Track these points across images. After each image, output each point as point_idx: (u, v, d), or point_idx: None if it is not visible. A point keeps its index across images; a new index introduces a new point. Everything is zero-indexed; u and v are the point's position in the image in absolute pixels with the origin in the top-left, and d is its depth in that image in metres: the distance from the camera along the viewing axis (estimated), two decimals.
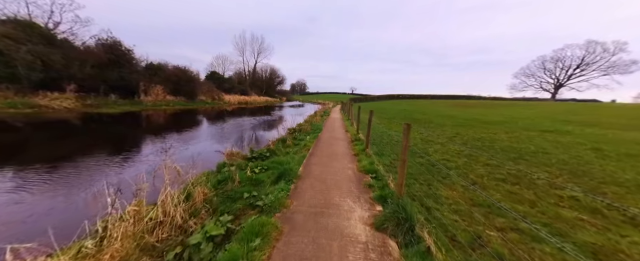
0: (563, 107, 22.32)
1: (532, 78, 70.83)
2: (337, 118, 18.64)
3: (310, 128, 12.53)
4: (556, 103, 34.64)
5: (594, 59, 59.23)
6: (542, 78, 69.12)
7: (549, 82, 68.40)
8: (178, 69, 26.61)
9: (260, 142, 9.99)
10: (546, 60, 67.02)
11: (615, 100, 72.53)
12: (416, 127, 11.46)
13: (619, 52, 55.19)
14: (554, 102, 57.85)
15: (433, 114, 16.79)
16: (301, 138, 9.41)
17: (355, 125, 13.39)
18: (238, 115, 22.36)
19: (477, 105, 27.20)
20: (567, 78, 65.28)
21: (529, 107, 20.80)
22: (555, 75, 66.76)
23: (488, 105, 27.96)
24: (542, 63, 68.11)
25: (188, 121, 16.16)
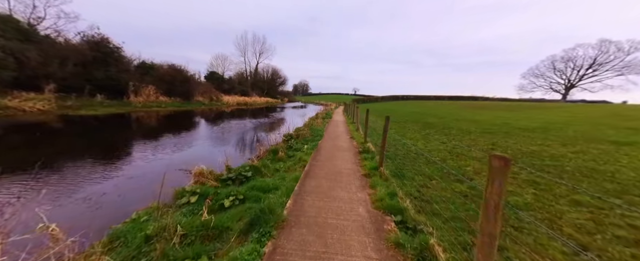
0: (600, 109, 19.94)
1: (541, 78, 68.94)
2: (340, 121, 17.00)
3: (309, 134, 10.93)
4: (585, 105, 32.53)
5: (608, 58, 57.25)
6: (552, 78, 67.10)
7: (560, 83, 66.36)
8: (173, 69, 25.25)
9: (248, 151, 8.40)
10: (556, 61, 65.09)
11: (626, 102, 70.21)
12: (434, 133, 9.79)
13: (635, 51, 52.84)
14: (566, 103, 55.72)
15: (449, 117, 15.05)
16: (297, 148, 7.81)
17: (361, 130, 11.74)
18: (234, 117, 20.87)
19: (494, 107, 25.29)
20: (578, 78, 63.19)
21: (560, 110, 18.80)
22: (566, 75, 64.69)
23: (507, 106, 25.98)
24: (552, 63, 66.22)
25: (176, 124, 14.67)
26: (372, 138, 9.31)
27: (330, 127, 13.23)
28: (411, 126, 12.52)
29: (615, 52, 55.85)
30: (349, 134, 10.81)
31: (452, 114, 17.23)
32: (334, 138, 9.72)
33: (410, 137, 9.27)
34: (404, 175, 4.77)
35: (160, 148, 8.01)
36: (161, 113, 18.88)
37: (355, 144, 8.58)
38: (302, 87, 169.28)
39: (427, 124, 12.56)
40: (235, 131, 12.91)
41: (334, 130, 11.94)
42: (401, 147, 7.43)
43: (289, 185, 4.32)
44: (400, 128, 11.81)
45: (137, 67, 21.75)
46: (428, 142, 7.91)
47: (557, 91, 66.82)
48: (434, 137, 8.83)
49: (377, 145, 8.06)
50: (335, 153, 6.86)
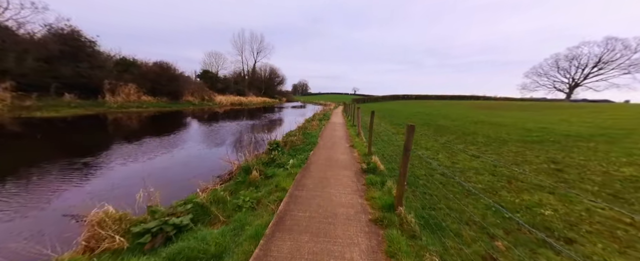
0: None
1: (544, 77, 67.80)
2: (338, 123, 15.07)
3: (301, 141, 9.02)
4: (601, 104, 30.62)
5: (614, 56, 55.99)
6: (556, 77, 65.93)
7: (564, 82, 65.08)
8: (158, 66, 23.32)
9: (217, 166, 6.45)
10: (560, 59, 64.01)
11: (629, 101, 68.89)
12: (455, 141, 7.88)
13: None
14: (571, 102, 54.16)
15: (463, 119, 13.11)
16: (281, 163, 5.91)
17: (363, 135, 9.82)
18: (224, 118, 18.95)
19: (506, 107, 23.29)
20: (583, 77, 61.97)
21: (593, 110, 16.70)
22: (570, 74, 63.44)
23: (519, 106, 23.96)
24: (556, 62, 65.19)
25: (149, 128, 12.77)
26: (378, 147, 7.39)
27: (326, 131, 11.32)
28: (421, 130, 10.59)
29: (622, 50, 54.47)
30: (348, 141, 8.89)
31: (465, 115, 15.29)
32: (330, 146, 7.80)
33: (425, 145, 7.35)
34: (439, 224, 2.85)
35: (98, 165, 6.10)
36: (141, 115, 16.98)
37: (356, 156, 6.67)
38: (302, 86, 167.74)
39: (440, 128, 10.63)
40: (216, 136, 10.99)
41: (330, 136, 10.02)
42: (418, 162, 5.51)
43: (246, 248, 2.43)
44: None
45: (116, 64, 19.82)
46: (453, 155, 6.00)
47: (560, 90, 65.69)
48: (457, 146, 6.90)
49: (385, 158, 6.13)
50: (329, 174, 4.94)
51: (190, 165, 6.70)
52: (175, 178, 5.44)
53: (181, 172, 5.95)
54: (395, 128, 11.56)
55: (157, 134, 10.39)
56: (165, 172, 5.98)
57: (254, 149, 7.99)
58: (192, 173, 5.92)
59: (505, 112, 17.19)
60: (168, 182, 5.27)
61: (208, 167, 6.18)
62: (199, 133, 11.59)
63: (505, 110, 19.16)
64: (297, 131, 11.44)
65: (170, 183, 5.07)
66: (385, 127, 12.21)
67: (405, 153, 3.10)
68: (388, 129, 11.39)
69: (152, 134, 10.44)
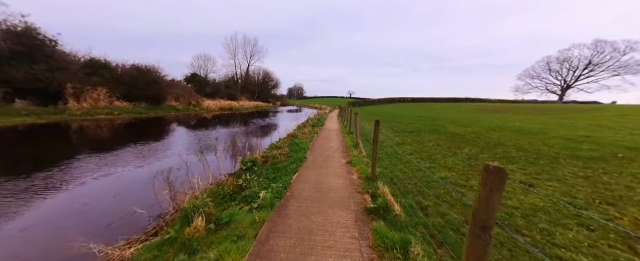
0: None
1: (537, 80, 68.46)
2: (333, 130, 13.27)
3: (285, 156, 7.19)
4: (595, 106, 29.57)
5: (603, 58, 56.96)
6: (548, 79, 66.66)
7: (555, 84, 65.68)
8: (135, 68, 21.26)
9: (155, 205, 4.53)
10: (551, 61, 64.99)
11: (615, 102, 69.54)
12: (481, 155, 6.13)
13: (630, 51, 52.16)
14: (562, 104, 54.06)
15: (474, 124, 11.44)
16: (248, 197, 4.11)
17: (361, 146, 8.02)
18: (207, 125, 17.01)
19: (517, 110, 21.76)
20: (574, 79, 62.76)
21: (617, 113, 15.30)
22: (562, 76, 64.07)
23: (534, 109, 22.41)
24: (547, 64, 66.22)
25: (108, 138, 10.80)
26: (382, 164, 5.59)
27: (319, 141, 9.50)
28: (430, 138, 8.87)
29: (611, 52, 55.43)
30: (344, 154, 7.08)
31: (476, 120, 13.64)
32: (322, 164, 5.98)
33: (444, 162, 5.58)
34: None
35: None
36: (112, 122, 14.96)
37: (355, 178, 4.89)
38: (297, 90, 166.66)
39: (453, 136, 8.90)
40: (184, 149, 9.06)
41: (323, 147, 8.20)
42: (449, 197, 3.72)
43: None
44: (417, 142, 8.14)
45: (83, 66, 17.72)
46: None
47: (552, 92, 66.35)
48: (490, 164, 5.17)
49: (395, 184, 4.31)
50: (316, 221, 3.13)
51: (121, 199, 4.78)
52: (74, 231, 3.54)
53: (94, 219, 4.04)
54: (399, 136, 9.80)
55: (108, 148, 8.43)
56: (71, 218, 4.07)
57: (221, 170, 6.14)
58: (115, 216, 4.02)
59: (520, 116, 15.62)
60: (60, 237, 3.39)
61: (146, 202, 4.29)
62: (165, 145, 9.66)
63: (518, 114, 17.64)
64: (284, 141, 9.62)
65: (60, 244, 3.18)
66: (386, 134, 10.47)
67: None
68: (390, 137, 9.65)
69: (102, 148, 8.47)
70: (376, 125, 4.72)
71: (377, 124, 4.71)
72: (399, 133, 10.43)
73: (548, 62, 64.03)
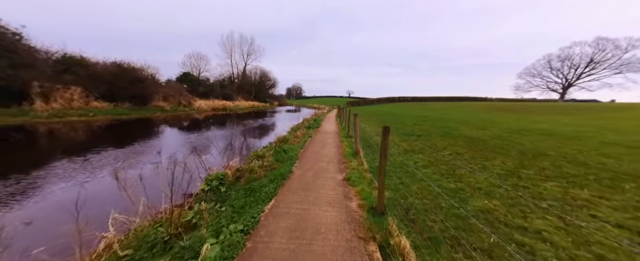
0: None
1: (537, 78, 67.53)
2: (329, 133, 11.78)
3: (265, 169, 5.70)
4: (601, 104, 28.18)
5: (605, 56, 55.65)
6: (549, 78, 65.69)
7: (557, 82, 64.72)
8: (116, 65, 19.69)
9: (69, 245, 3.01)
10: (552, 59, 63.98)
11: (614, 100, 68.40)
12: (519, 169, 4.63)
13: (632, 48, 51.15)
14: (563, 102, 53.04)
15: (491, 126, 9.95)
16: (184, 254, 2.54)
17: (362, 155, 6.50)
18: (194, 127, 15.50)
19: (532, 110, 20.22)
20: (576, 77, 61.80)
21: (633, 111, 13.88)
22: (563, 74, 63.09)
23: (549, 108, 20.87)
24: (548, 62, 65.19)
25: (67, 145, 9.27)
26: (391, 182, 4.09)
27: (312, 146, 8.00)
28: (444, 143, 7.37)
29: (612, 50, 54.34)
30: (341, 167, 5.57)
31: (490, 121, 12.14)
32: (310, 183, 4.47)
33: (476, 183, 4.07)
34: None
35: None
36: (89, 124, 13.46)
37: (355, 207, 3.45)
38: (296, 90, 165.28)
39: (473, 142, 7.41)
40: (147, 159, 7.55)
41: (316, 156, 6.70)
42: (491, 241, 2.21)
43: None
44: (429, 149, 6.64)
45: (55, 63, 16.16)
46: (585, 238, 2.72)
47: (554, 90, 65.35)
48: (545, 186, 3.65)
49: (415, 221, 2.81)
50: None
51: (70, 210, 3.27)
52: None
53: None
54: (406, 141, 8.30)
55: (38, 161, 6.88)
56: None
57: (177, 192, 4.62)
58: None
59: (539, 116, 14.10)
60: None
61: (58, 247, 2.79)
62: (127, 153, 8.12)
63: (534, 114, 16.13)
64: (271, 148, 8.08)
65: None
66: (390, 138, 9.00)
67: None
68: (395, 142, 8.16)
69: (28, 161, 6.93)
70: (384, 133, 3.21)
71: (385, 133, 3.20)
72: (405, 138, 8.93)
73: (549, 60, 63.52)
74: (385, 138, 3.19)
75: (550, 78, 63.21)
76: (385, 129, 3.19)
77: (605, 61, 54.94)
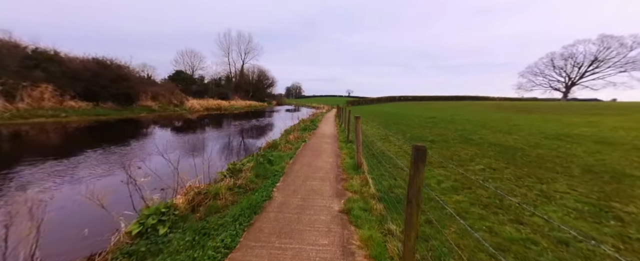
0: None
1: (540, 77, 66.35)
2: (327, 137, 10.31)
3: (233, 194, 4.21)
4: None
5: (609, 54, 54.10)
6: (551, 76, 64.37)
7: (560, 81, 63.44)
8: (96, 62, 18.16)
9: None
10: (555, 58, 62.63)
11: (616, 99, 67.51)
12: (614, 201, 3.14)
13: (638, 46, 49.98)
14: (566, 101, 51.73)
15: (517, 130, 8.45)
16: None
17: (365, 166, 4.98)
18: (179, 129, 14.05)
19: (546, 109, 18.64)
20: (580, 76, 60.57)
21: None
22: (567, 72, 61.79)
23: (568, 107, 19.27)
24: (551, 60, 63.81)
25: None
26: (420, 236, 2.59)
27: (304, 156, 6.53)
28: (467, 152, 5.91)
29: (617, 48, 52.94)
30: (338, 188, 4.10)
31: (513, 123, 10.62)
32: (294, 217, 2.98)
33: (546, 227, 2.60)
34: None
35: None
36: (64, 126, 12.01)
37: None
38: (295, 89, 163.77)
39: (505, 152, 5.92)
40: (97, 174, 6.09)
41: (307, 170, 5.23)
42: None
43: None
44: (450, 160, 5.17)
45: (24, 58, 14.62)
46: None
47: (557, 89, 64.24)
48: None
49: None
50: None
51: None
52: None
53: None
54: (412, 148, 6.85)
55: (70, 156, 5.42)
56: None
57: (100, 233, 3.16)
58: None
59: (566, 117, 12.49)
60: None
61: None
62: (79, 163, 6.64)
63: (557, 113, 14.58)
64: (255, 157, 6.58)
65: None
66: (397, 144, 7.52)
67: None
68: (406, 151, 6.67)
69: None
70: (416, 161, 1.72)
71: (418, 161, 1.71)
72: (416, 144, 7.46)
73: (552, 58, 62.48)
74: (418, 170, 1.69)
75: (552, 77, 62.07)
76: (418, 152, 1.70)
77: (610, 59, 54.08)
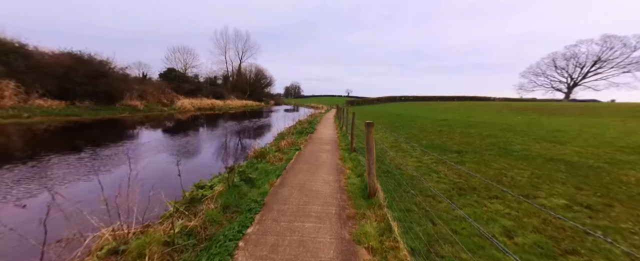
0: None
1: (541, 77, 65.29)
2: (326, 143, 8.65)
3: (177, 252, 2.49)
4: None
5: (612, 55, 52.99)
6: (553, 77, 63.37)
7: (562, 81, 62.35)
8: (70, 56, 16.43)
9: None
10: (557, 58, 61.70)
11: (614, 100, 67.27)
12: None
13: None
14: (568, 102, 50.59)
15: (564, 137, 6.88)
16: None
17: (382, 199, 3.31)
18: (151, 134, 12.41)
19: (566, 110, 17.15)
20: (582, 76, 59.74)
21: None
22: (569, 73, 60.87)
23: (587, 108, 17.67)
24: (553, 60, 62.84)
25: None
26: None
27: (297, 173, 4.93)
28: (517, 170, 4.34)
29: (621, 48, 51.69)
30: (345, 238, 2.42)
31: (554, 129, 9.02)
32: None
33: None
34: None
35: None
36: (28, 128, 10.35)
37: None
38: (294, 89, 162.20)
39: (576, 170, 4.35)
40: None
41: (301, 192, 3.60)
42: None
43: None
44: (496, 180, 3.59)
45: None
46: None
47: (558, 90, 63.45)
48: None
49: None
50: None
51: None
52: None
53: None
54: (443, 164, 5.19)
55: None
56: None
57: None
58: None
59: (605, 119, 10.93)
60: None
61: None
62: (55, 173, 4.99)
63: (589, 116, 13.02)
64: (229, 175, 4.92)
65: None
66: (416, 155, 5.93)
67: None
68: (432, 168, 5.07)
69: None
70: None
71: None
72: (438, 156, 5.83)
73: (554, 58, 61.60)
74: None
75: (554, 78, 61.36)
76: None
77: (613, 59, 53.24)
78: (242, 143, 10.40)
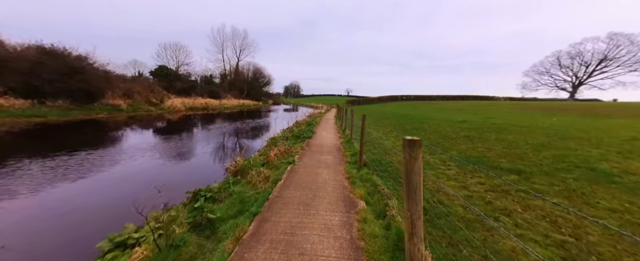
0: None
1: (545, 76, 63.66)
2: (327, 151, 6.83)
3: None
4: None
5: (619, 53, 50.86)
6: (558, 76, 61.78)
7: (566, 80, 60.67)
8: (39, 50, 14.66)
9: None
10: (562, 56, 60.08)
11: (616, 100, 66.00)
12: None
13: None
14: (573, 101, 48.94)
15: (631, 147, 5.10)
16: None
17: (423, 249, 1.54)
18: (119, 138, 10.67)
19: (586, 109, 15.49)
20: (587, 75, 58.17)
21: None
22: (574, 72, 59.23)
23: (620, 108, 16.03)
24: (558, 59, 60.87)
25: None
26: None
27: (282, 210, 3.14)
28: (629, 212, 2.63)
29: (628, 46, 49.58)
30: None
31: (603, 133, 7.29)
32: None
33: None
34: None
35: None
36: None
37: None
38: (294, 88, 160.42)
39: None
40: None
41: (290, 249, 1.78)
42: None
43: None
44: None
45: None
46: None
47: (563, 89, 61.76)
48: None
49: None
50: None
51: None
52: None
53: None
54: (508, 195, 3.48)
55: None
56: None
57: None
58: None
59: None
60: None
61: None
62: None
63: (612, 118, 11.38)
64: (187, 206, 3.14)
65: None
66: (451, 174, 4.23)
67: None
68: (471, 188, 3.36)
69: None
70: None
71: None
72: (487, 177, 4.08)
73: (558, 57, 59.79)
74: None
75: (559, 77, 59.94)
76: None
77: (619, 58, 51.48)
78: (225, 151, 8.66)
